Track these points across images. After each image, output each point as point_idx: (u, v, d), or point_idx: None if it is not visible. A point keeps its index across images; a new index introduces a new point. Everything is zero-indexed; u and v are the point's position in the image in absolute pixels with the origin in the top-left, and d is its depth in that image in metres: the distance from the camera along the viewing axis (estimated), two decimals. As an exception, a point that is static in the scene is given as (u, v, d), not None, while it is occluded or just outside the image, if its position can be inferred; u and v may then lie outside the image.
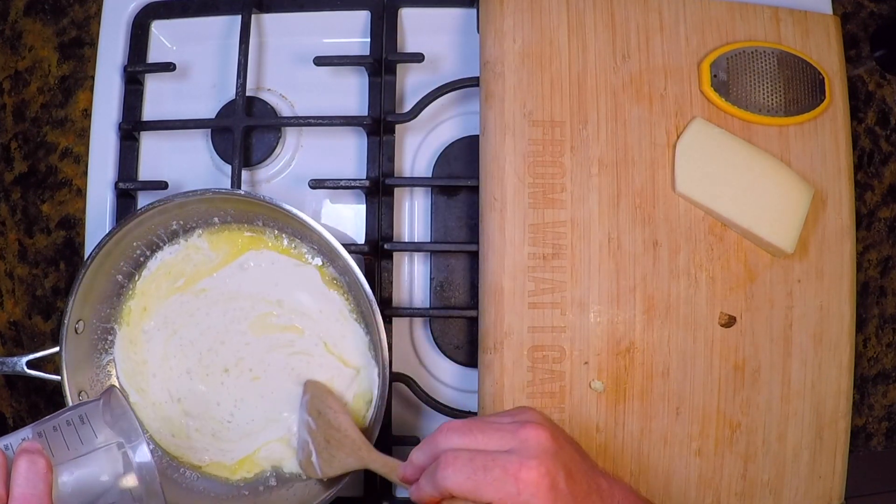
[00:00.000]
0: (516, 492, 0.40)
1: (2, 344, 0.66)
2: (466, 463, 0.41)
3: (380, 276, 0.60)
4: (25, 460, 0.41)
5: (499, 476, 0.41)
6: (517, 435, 0.42)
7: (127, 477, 0.44)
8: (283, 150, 0.64)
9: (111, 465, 0.44)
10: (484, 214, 0.57)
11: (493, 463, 0.41)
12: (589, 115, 0.57)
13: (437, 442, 0.44)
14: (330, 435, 0.54)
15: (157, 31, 0.65)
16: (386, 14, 0.64)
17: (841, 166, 0.59)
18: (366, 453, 0.52)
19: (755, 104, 0.58)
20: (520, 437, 0.42)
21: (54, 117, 0.67)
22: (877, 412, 0.65)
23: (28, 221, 0.66)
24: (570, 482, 0.42)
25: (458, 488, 0.41)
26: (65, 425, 0.45)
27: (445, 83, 0.60)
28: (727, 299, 0.57)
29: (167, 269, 0.59)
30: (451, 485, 0.41)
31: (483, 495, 0.41)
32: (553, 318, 0.56)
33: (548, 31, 0.58)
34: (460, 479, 0.41)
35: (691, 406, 0.56)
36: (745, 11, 0.60)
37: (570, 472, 0.42)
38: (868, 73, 0.68)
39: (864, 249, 0.66)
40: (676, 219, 0.57)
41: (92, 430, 0.45)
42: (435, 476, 0.42)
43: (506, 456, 0.41)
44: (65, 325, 0.55)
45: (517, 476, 0.40)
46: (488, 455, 0.41)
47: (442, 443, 0.43)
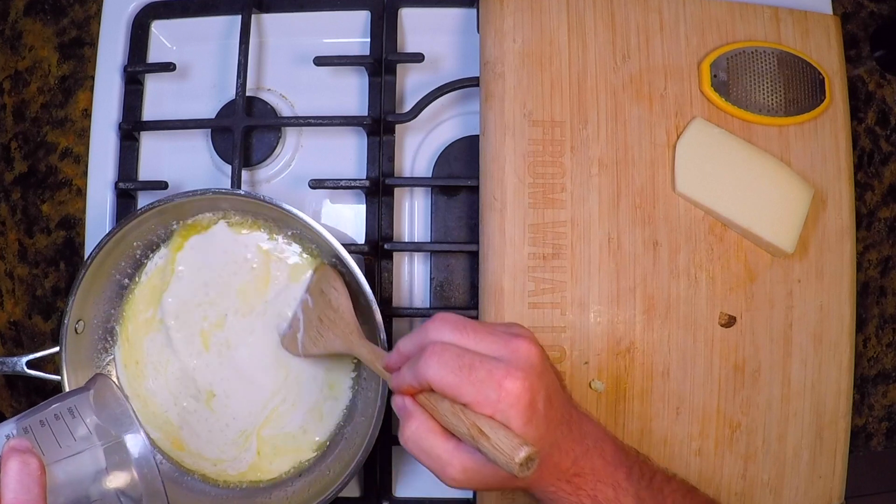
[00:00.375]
0: (496, 398, 0.40)
1: (2, 344, 0.66)
2: (453, 357, 0.40)
3: (380, 276, 0.60)
4: (17, 461, 0.37)
5: (482, 378, 0.40)
6: (509, 344, 0.42)
7: (124, 472, 0.41)
8: (283, 150, 0.64)
9: (106, 460, 0.41)
10: (484, 214, 0.57)
11: (479, 364, 0.40)
12: (589, 115, 0.57)
13: (427, 331, 0.42)
14: (325, 315, 0.54)
15: (157, 31, 0.65)
16: (386, 14, 0.64)
17: (841, 166, 0.59)
18: (356, 338, 0.52)
19: (755, 104, 0.58)
20: (511, 346, 0.41)
21: (54, 117, 0.67)
22: (877, 412, 0.65)
23: (28, 221, 0.66)
24: (548, 405, 0.42)
25: (439, 381, 0.40)
26: (53, 419, 0.41)
27: (445, 83, 0.60)
28: (727, 299, 0.57)
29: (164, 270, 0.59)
30: (432, 376, 0.40)
31: (462, 394, 0.40)
32: (553, 318, 0.56)
33: (548, 31, 0.58)
34: (443, 372, 0.40)
35: (691, 406, 0.56)
36: (745, 11, 0.60)
37: (549, 396, 0.42)
38: (868, 73, 0.68)
39: (864, 249, 0.66)
40: (676, 219, 0.57)
41: (83, 423, 0.41)
42: (418, 364, 0.41)
43: (494, 361, 0.40)
44: (65, 325, 0.55)
45: (501, 383, 0.40)
46: (476, 356, 0.41)
47: (433, 333, 0.42)
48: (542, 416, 0.41)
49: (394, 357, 0.45)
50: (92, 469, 0.41)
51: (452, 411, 0.40)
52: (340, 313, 0.54)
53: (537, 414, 0.40)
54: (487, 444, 0.39)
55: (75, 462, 0.40)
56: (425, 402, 0.42)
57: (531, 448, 0.38)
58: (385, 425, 0.59)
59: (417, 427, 0.42)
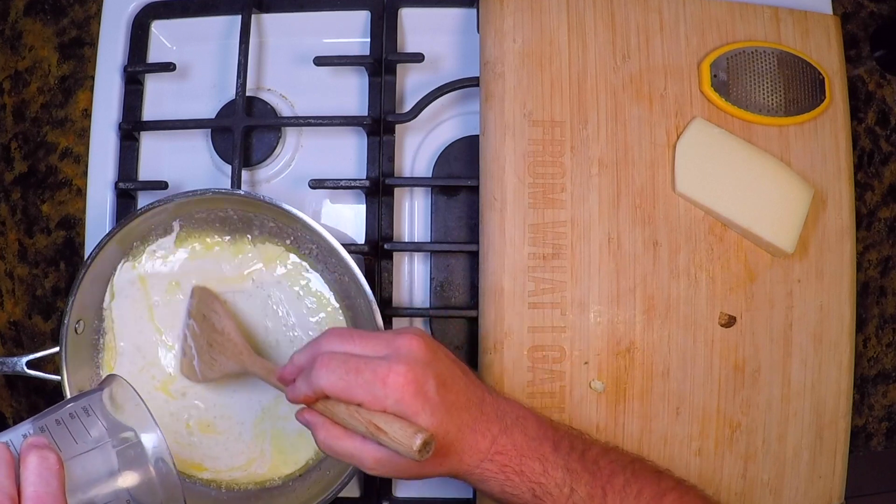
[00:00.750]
0: (383, 395, 0.42)
1: (2, 344, 0.66)
2: (340, 364, 0.43)
3: (380, 276, 0.60)
4: (35, 456, 0.37)
5: (368, 378, 0.42)
6: (392, 343, 0.44)
7: (141, 470, 0.41)
8: (283, 150, 0.64)
9: (124, 456, 0.41)
10: (484, 214, 0.57)
11: (364, 366, 0.43)
12: (589, 115, 0.57)
13: (319, 343, 0.46)
14: (213, 339, 0.55)
15: (157, 31, 0.65)
16: (386, 14, 0.64)
17: (841, 166, 0.59)
18: (247, 357, 0.54)
19: (755, 104, 0.58)
20: (394, 344, 0.44)
21: (54, 117, 0.67)
22: (877, 412, 0.65)
23: (28, 221, 0.66)
24: (442, 390, 0.44)
25: (331, 387, 0.43)
26: (68, 418, 0.41)
27: (445, 83, 0.60)
28: (727, 299, 0.57)
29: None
30: (324, 384, 0.43)
31: (353, 396, 0.43)
32: (553, 318, 0.56)
33: (548, 31, 0.58)
34: (333, 378, 0.43)
35: (691, 406, 0.56)
36: (745, 11, 0.60)
37: (442, 381, 0.44)
38: (868, 73, 0.68)
39: (864, 249, 0.66)
40: (676, 219, 0.57)
41: (99, 421, 0.41)
42: (310, 375, 0.44)
43: (377, 361, 0.43)
44: (65, 325, 0.55)
45: (385, 380, 0.42)
46: (361, 359, 0.43)
47: (323, 344, 0.45)
48: (435, 402, 0.43)
49: (288, 369, 0.47)
50: (108, 466, 0.41)
51: (349, 413, 0.43)
52: (227, 335, 0.55)
53: (429, 401, 0.43)
54: (386, 438, 0.42)
55: (92, 458, 0.40)
56: (324, 410, 0.45)
57: (426, 433, 0.41)
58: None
59: (325, 434, 0.45)
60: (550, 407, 0.55)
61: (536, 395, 0.55)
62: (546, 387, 0.55)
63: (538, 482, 0.46)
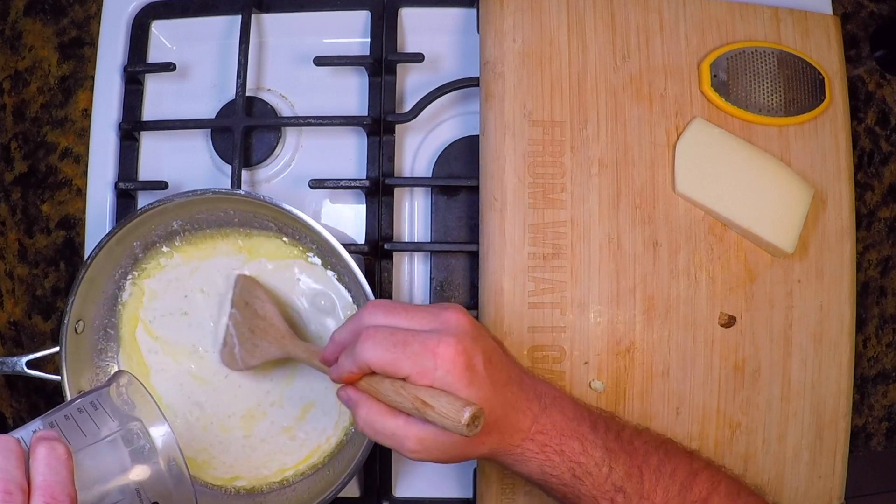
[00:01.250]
0: (433, 366, 0.41)
1: (2, 344, 0.66)
2: (387, 336, 0.42)
3: (380, 276, 0.60)
4: (44, 447, 0.38)
5: (417, 350, 0.41)
6: (439, 317, 0.43)
7: (150, 463, 0.42)
8: (283, 150, 0.64)
9: (133, 448, 0.42)
10: (484, 214, 0.57)
11: (412, 339, 0.42)
12: (589, 115, 0.57)
13: (361, 317, 0.44)
14: (255, 325, 0.55)
15: (157, 31, 0.65)
16: (386, 14, 0.64)
17: (841, 166, 0.59)
18: (289, 341, 0.53)
19: (755, 104, 0.58)
20: (441, 318, 0.43)
21: (54, 117, 0.67)
22: (877, 412, 0.65)
23: (28, 221, 0.66)
24: (489, 366, 0.43)
25: (377, 360, 0.42)
26: (76, 413, 0.42)
27: (445, 83, 0.60)
28: (727, 299, 0.57)
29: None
30: (370, 357, 0.42)
31: (401, 369, 0.41)
32: (553, 318, 0.56)
33: (548, 31, 0.58)
34: (379, 351, 0.42)
35: (691, 406, 0.56)
36: (745, 11, 0.60)
37: (489, 357, 0.43)
38: (868, 73, 0.68)
39: (864, 249, 0.66)
40: (676, 219, 0.57)
41: (108, 415, 0.42)
42: (355, 350, 0.43)
43: (426, 333, 0.42)
44: (65, 325, 0.55)
45: (435, 351, 0.41)
46: (408, 332, 0.42)
47: (366, 319, 0.44)
48: (483, 376, 0.42)
49: (329, 348, 0.47)
50: (117, 459, 0.41)
51: (394, 389, 0.42)
52: (269, 320, 0.55)
53: (478, 375, 0.42)
54: (432, 413, 0.40)
55: (101, 451, 0.41)
56: (367, 388, 0.43)
57: (475, 406, 0.40)
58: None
59: (367, 412, 0.43)
60: (550, 407, 0.55)
61: (536, 395, 0.55)
62: (546, 387, 0.55)
63: (578, 461, 0.45)
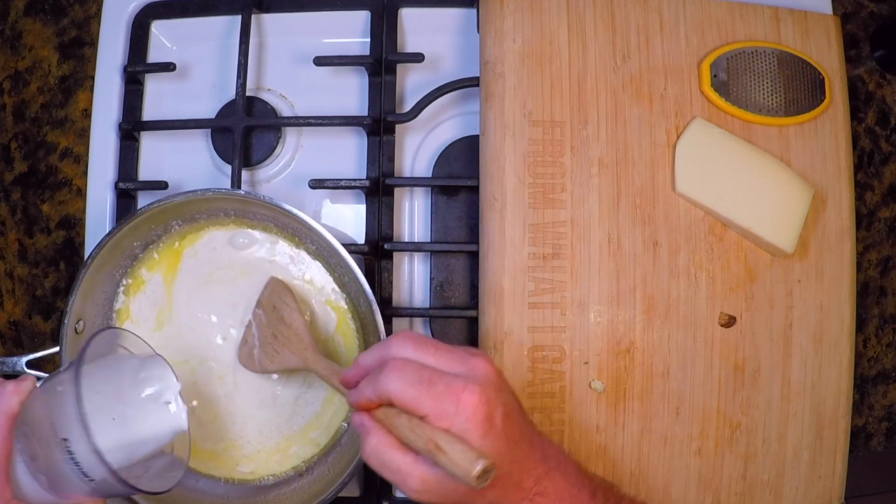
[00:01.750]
0: (454, 411, 0.41)
1: (2, 344, 0.66)
2: (414, 372, 0.42)
3: (380, 276, 0.60)
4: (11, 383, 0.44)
5: (441, 391, 0.41)
6: (467, 362, 0.43)
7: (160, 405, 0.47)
8: (283, 150, 0.64)
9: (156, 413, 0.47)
10: (484, 214, 0.57)
11: (438, 378, 0.41)
12: (589, 115, 0.57)
13: (390, 347, 0.44)
14: (279, 331, 0.55)
15: (157, 31, 0.65)
16: (386, 14, 0.64)
17: (841, 166, 0.59)
18: (311, 354, 0.53)
19: (755, 104, 0.58)
20: (469, 364, 0.43)
21: (54, 117, 0.67)
22: (877, 412, 0.65)
23: (28, 221, 0.66)
24: (507, 421, 0.42)
25: (399, 394, 0.41)
26: (103, 370, 0.46)
27: (445, 83, 0.60)
28: (727, 299, 0.57)
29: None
30: (393, 389, 0.41)
31: (421, 407, 0.41)
32: (553, 318, 0.56)
33: (548, 31, 0.58)
34: (403, 385, 0.41)
35: (691, 406, 0.56)
36: (745, 11, 0.60)
37: (507, 412, 0.43)
38: (868, 73, 0.68)
39: (864, 249, 0.66)
40: (676, 219, 0.57)
41: (134, 380, 0.47)
42: (378, 379, 0.42)
43: (452, 376, 0.42)
44: (65, 325, 0.55)
45: (459, 396, 0.41)
46: (436, 371, 0.42)
47: (395, 349, 0.44)
48: (499, 430, 0.42)
49: (352, 371, 0.46)
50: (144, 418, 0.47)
51: (410, 427, 0.41)
52: (294, 329, 0.54)
53: (495, 428, 0.41)
54: (444, 458, 0.40)
55: (130, 406, 0.46)
56: (383, 418, 0.43)
57: (487, 461, 0.39)
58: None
59: (377, 442, 0.43)
60: (550, 407, 0.55)
61: (536, 395, 0.55)
62: (546, 387, 0.55)
63: None
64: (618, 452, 0.56)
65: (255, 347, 0.56)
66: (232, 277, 0.59)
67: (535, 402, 0.55)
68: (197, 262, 0.59)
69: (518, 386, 0.55)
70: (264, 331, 0.56)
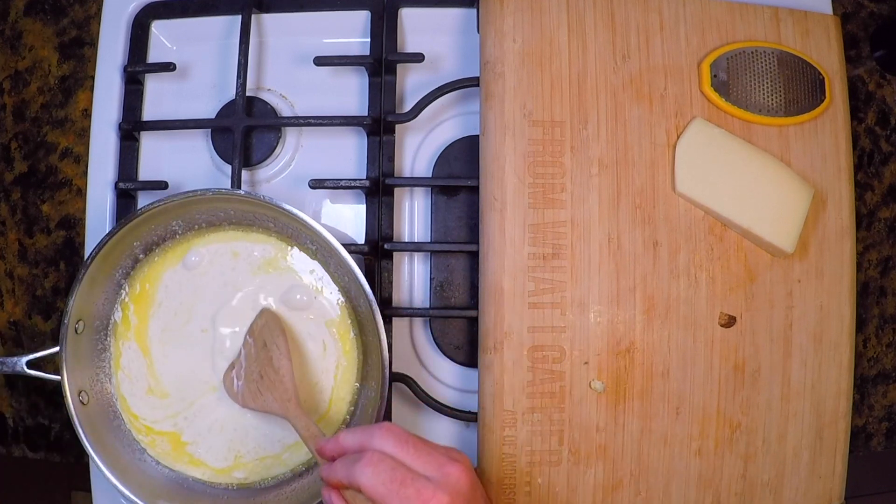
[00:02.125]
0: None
1: (2, 344, 0.66)
2: (387, 470, 0.43)
3: (380, 276, 0.60)
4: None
5: (410, 494, 0.43)
6: (443, 467, 0.44)
7: None
8: (283, 150, 0.64)
9: None
10: (484, 214, 0.57)
11: (410, 481, 0.43)
12: (589, 115, 0.57)
13: (372, 436, 0.45)
14: (266, 372, 0.55)
15: (157, 31, 0.65)
16: (386, 14, 0.64)
17: (841, 166, 0.59)
18: (293, 408, 0.53)
19: (755, 104, 0.58)
20: (444, 469, 0.44)
21: (54, 117, 0.67)
22: (877, 412, 0.65)
23: (28, 221, 0.66)
24: None
25: (370, 488, 0.43)
26: None
27: (445, 83, 0.60)
28: (727, 299, 0.57)
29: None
30: (365, 482, 0.43)
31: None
32: (553, 318, 0.56)
33: (548, 31, 0.58)
34: (376, 481, 0.43)
35: (691, 406, 0.56)
36: (745, 11, 0.60)
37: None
38: (868, 73, 0.68)
39: (864, 249, 0.66)
40: (676, 219, 0.57)
41: None
42: (353, 467, 0.44)
43: (424, 480, 0.43)
44: (65, 325, 0.55)
45: (426, 501, 0.42)
46: (409, 472, 0.44)
47: (377, 440, 0.45)
48: None
49: (330, 445, 0.48)
50: None
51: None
52: (281, 376, 0.54)
53: None
54: None
55: None
56: (351, 500, 0.45)
57: None
58: (385, 425, 0.59)
59: None
60: (550, 407, 0.55)
61: (536, 395, 0.55)
62: (546, 387, 0.55)
63: None
64: (618, 452, 0.56)
65: (240, 379, 0.56)
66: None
67: (535, 402, 0.55)
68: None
69: (518, 386, 0.55)
70: (251, 365, 0.56)
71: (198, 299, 0.59)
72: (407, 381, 0.59)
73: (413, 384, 0.59)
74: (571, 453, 0.55)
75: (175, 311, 0.59)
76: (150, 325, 0.59)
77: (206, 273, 0.59)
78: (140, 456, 0.58)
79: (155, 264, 0.59)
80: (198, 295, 0.59)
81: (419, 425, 0.61)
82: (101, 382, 0.58)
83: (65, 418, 0.64)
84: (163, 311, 0.59)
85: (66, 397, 0.55)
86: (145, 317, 0.59)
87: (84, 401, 0.56)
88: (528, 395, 0.55)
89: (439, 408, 0.58)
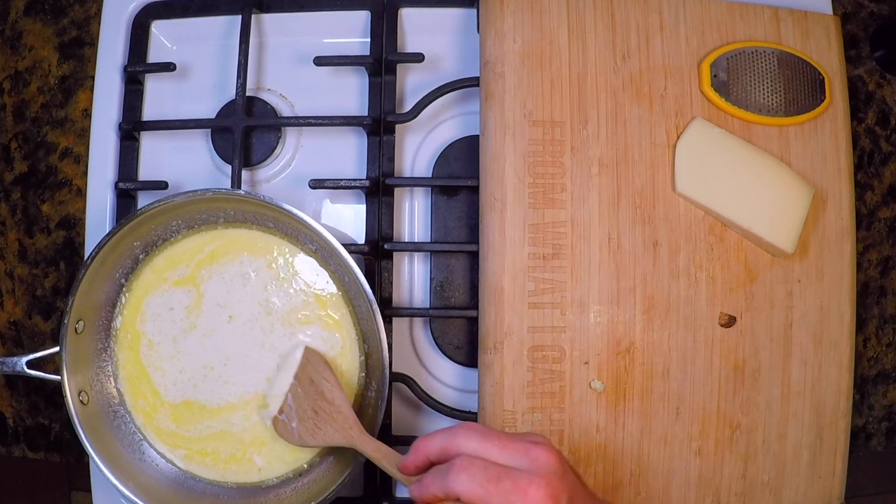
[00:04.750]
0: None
1: (2, 344, 0.66)
2: (481, 470, 0.43)
3: (380, 276, 0.60)
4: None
5: (508, 488, 0.42)
6: (529, 454, 0.44)
7: None
8: (283, 150, 0.64)
9: None
10: (484, 214, 0.57)
11: (505, 475, 0.42)
12: (589, 115, 0.57)
13: (456, 438, 0.45)
14: (320, 406, 0.54)
15: (157, 31, 0.65)
16: (386, 14, 0.64)
17: (841, 166, 0.59)
18: (357, 433, 0.52)
19: (755, 104, 0.58)
20: (531, 455, 0.44)
21: (54, 117, 0.67)
22: (877, 412, 0.65)
23: (28, 221, 0.66)
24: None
25: (468, 494, 0.42)
26: None
27: (445, 83, 0.60)
28: (727, 299, 0.57)
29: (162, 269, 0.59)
30: (462, 489, 0.42)
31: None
32: (553, 318, 0.56)
33: (548, 31, 0.58)
34: (472, 485, 0.42)
35: (691, 406, 0.56)
36: (745, 11, 0.60)
37: (572, 497, 0.44)
38: (868, 73, 0.68)
39: (864, 249, 0.66)
40: (676, 219, 0.57)
41: None
42: (447, 477, 0.43)
43: (517, 471, 0.43)
44: (65, 325, 0.55)
45: (525, 491, 0.42)
46: (501, 467, 0.43)
47: (462, 443, 0.44)
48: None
49: (412, 458, 0.47)
50: None
51: None
52: (336, 406, 0.54)
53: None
54: None
55: None
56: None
57: None
58: (385, 426, 0.59)
59: None
60: (550, 407, 0.55)
61: (536, 395, 0.55)
62: (546, 387, 0.55)
63: None
64: (618, 452, 0.56)
65: (293, 420, 0.55)
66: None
67: (535, 401, 0.55)
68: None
69: (518, 386, 0.55)
70: (302, 404, 0.55)
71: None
72: (407, 381, 0.59)
73: (413, 384, 0.59)
74: (571, 453, 0.55)
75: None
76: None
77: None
78: (140, 456, 0.58)
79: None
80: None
81: (419, 425, 0.61)
82: (101, 382, 0.58)
83: (65, 418, 0.64)
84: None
85: (66, 397, 0.55)
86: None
87: (84, 401, 0.56)
88: (528, 395, 0.55)
89: (439, 408, 0.58)
